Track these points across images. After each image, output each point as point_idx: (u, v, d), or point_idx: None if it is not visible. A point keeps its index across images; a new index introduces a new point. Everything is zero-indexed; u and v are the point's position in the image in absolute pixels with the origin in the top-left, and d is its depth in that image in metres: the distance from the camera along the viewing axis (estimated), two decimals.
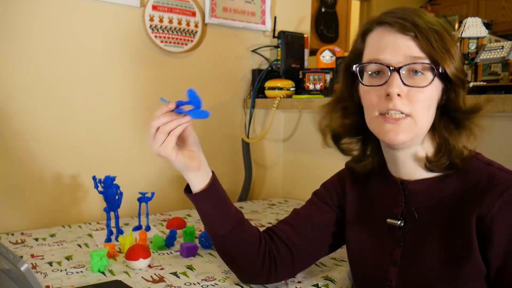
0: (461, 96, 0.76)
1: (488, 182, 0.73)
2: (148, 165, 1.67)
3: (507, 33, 3.38)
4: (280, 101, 1.72)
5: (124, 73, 1.58)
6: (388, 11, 0.78)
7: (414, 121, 0.74)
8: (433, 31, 0.73)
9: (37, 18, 1.40)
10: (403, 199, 0.81)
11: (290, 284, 0.98)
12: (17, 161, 1.40)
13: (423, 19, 0.74)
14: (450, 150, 0.76)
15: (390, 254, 0.82)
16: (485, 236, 0.71)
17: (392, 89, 0.72)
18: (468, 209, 0.73)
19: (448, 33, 0.75)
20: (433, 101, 0.75)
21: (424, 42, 0.72)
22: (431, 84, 0.73)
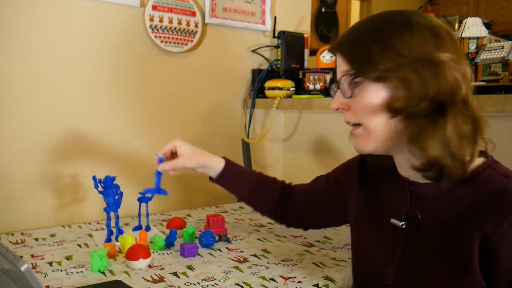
0: (404, 95, 0.70)
1: (500, 196, 0.68)
2: (148, 165, 1.67)
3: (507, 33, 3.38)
4: (280, 101, 1.72)
5: (124, 73, 1.58)
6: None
7: (365, 128, 0.76)
8: (351, 41, 0.76)
9: (37, 18, 1.40)
10: (409, 200, 0.80)
11: (290, 284, 0.98)
12: (17, 161, 1.40)
13: (350, 31, 0.77)
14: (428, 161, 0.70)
15: (390, 254, 0.82)
16: (490, 254, 0.67)
17: (331, 105, 0.80)
18: (474, 223, 0.69)
19: (386, 32, 0.72)
20: (376, 107, 0.72)
21: (345, 56, 0.76)
22: (367, 91, 0.73)
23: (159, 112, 1.68)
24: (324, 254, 1.19)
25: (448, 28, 0.75)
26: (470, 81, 0.73)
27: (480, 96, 1.07)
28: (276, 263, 1.11)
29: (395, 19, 0.74)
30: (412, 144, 0.72)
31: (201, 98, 1.78)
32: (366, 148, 0.77)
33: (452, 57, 0.70)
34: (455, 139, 0.69)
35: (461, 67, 0.71)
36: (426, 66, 0.69)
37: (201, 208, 1.72)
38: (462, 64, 0.72)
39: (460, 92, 0.71)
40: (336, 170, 1.07)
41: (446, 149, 0.69)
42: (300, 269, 1.07)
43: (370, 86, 0.73)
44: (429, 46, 0.70)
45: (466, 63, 0.73)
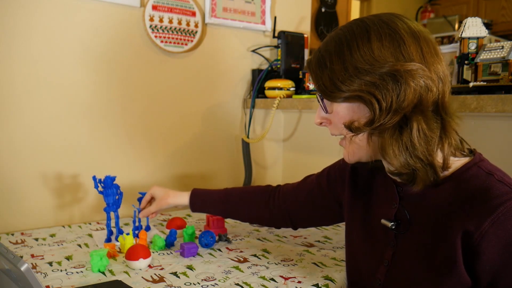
0: (375, 110, 0.71)
1: (483, 194, 0.68)
2: (148, 165, 1.67)
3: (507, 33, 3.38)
4: (280, 101, 1.72)
5: (123, 73, 1.58)
6: None
7: (348, 140, 0.78)
8: (316, 60, 0.77)
9: (37, 18, 1.40)
10: (398, 201, 0.81)
11: (290, 284, 0.98)
12: (17, 161, 1.40)
13: (319, 49, 0.78)
14: (394, 169, 0.74)
15: (381, 254, 0.83)
16: (473, 251, 0.68)
17: (315, 120, 0.82)
18: (456, 220, 0.70)
19: (347, 47, 0.72)
20: (351, 122, 0.74)
21: (312, 77, 0.78)
22: (339, 107, 0.75)
23: (159, 112, 1.68)
24: (324, 254, 1.19)
25: (416, 29, 0.72)
26: (445, 82, 0.73)
27: (480, 96, 1.07)
28: (276, 263, 1.12)
29: (353, 31, 0.74)
30: (380, 154, 0.75)
31: (201, 98, 1.78)
32: (351, 158, 0.80)
33: (416, 65, 0.69)
34: (420, 145, 0.70)
35: (430, 72, 0.70)
36: (387, 80, 0.69)
37: None
38: (433, 68, 0.71)
39: (429, 97, 0.70)
40: (327, 169, 1.08)
41: (413, 155, 0.70)
42: (300, 269, 1.07)
43: (338, 104, 0.76)
44: (389, 57, 0.70)
45: (439, 65, 0.72)
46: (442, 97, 0.72)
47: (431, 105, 0.71)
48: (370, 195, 0.90)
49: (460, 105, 1.09)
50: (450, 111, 0.73)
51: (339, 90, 0.73)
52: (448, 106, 0.73)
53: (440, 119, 0.72)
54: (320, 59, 0.76)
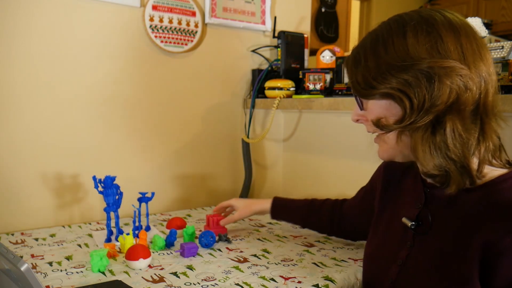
0: (407, 109, 0.69)
1: (510, 207, 0.66)
2: (148, 165, 1.67)
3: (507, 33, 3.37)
4: (280, 101, 1.72)
5: (124, 73, 1.58)
6: None
7: (382, 139, 0.78)
8: (353, 57, 0.76)
9: (37, 18, 1.40)
10: (423, 201, 0.80)
11: (290, 284, 0.98)
12: (17, 161, 1.40)
13: (356, 47, 0.77)
14: (427, 172, 0.72)
15: (397, 253, 0.82)
16: (489, 264, 0.65)
17: (351, 117, 0.82)
18: (480, 231, 0.67)
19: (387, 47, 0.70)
20: (385, 120, 0.73)
21: (347, 74, 0.78)
22: (373, 105, 0.75)
23: (159, 112, 1.68)
24: (324, 254, 1.19)
25: (458, 24, 0.69)
26: (488, 81, 0.69)
27: None
28: (276, 263, 1.11)
29: (390, 27, 0.72)
30: (412, 155, 0.74)
31: (201, 98, 1.78)
32: (384, 156, 0.80)
33: (452, 63, 0.66)
34: (455, 146, 0.67)
35: (470, 70, 0.66)
36: (420, 78, 0.67)
37: (201, 208, 1.72)
38: (474, 65, 0.67)
39: (468, 97, 0.67)
40: (372, 176, 1.09)
41: (447, 157, 0.68)
42: (300, 269, 1.07)
43: (372, 101, 0.75)
44: (424, 54, 0.67)
45: (481, 63, 0.68)
46: (484, 97, 0.68)
47: (470, 105, 0.67)
48: (399, 195, 0.90)
49: None
50: (493, 112, 0.70)
51: (371, 87, 0.72)
52: (492, 107, 0.70)
53: (480, 120, 0.69)
54: (356, 55, 0.75)
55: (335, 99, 1.50)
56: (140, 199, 1.34)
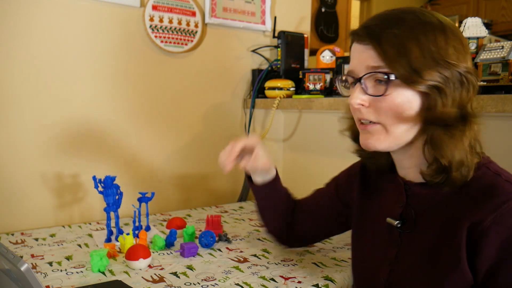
0: (437, 105, 0.70)
1: (489, 192, 0.70)
2: (148, 165, 1.67)
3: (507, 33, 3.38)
4: (280, 101, 1.72)
5: (124, 73, 1.58)
6: (369, 18, 0.78)
7: (384, 129, 0.74)
8: (392, 38, 0.70)
9: (37, 18, 1.40)
10: (405, 200, 0.81)
11: (290, 284, 0.98)
12: (17, 161, 1.40)
13: (389, 24, 0.72)
14: (442, 168, 0.72)
15: (386, 253, 0.83)
16: (474, 246, 0.69)
17: (352, 100, 0.75)
18: (462, 218, 0.70)
19: (426, 34, 0.70)
20: (403, 110, 0.71)
21: (378, 51, 0.71)
22: (395, 92, 0.71)
23: (159, 112, 1.68)
24: (324, 254, 1.19)
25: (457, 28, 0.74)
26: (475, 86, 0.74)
27: (480, 96, 1.07)
28: (276, 263, 1.11)
29: (431, 22, 0.71)
30: (433, 151, 0.72)
31: (201, 98, 1.78)
32: (379, 146, 0.76)
33: (471, 67, 0.72)
34: (469, 148, 0.71)
35: (476, 76, 0.73)
36: (456, 77, 0.70)
37: (201, 208, 1.72)
38: (476, 72, 0.74)
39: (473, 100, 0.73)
40: (336, 178, 1.08)
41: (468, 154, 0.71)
42: (300, 269, 1.07)
43: (402, 89, 0.71)
44: (456, 55, 0.70)
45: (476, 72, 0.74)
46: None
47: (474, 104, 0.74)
48: (378, 195, 0.90)
49: None
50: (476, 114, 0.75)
51: (416, 73, 0.69)
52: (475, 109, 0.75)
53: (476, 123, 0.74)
54: (392, 35, 0.70)
55: (335, 99, 1.51)
56: (140, 199, 1.34)
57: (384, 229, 0.84)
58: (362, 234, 0.91)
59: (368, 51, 0.73)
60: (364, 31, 0.74)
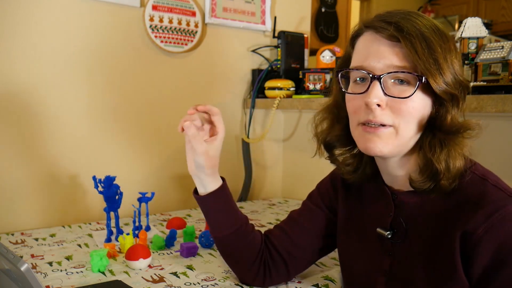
0: (450, 114, 0.69)
1: (479, 199, 0.69)
2: (148, 165, 1.67)
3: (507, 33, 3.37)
4: (280, 101, 1.72)
5: (124, 73, 1.58)
6: (380, 14, 0.74)
7: (395, 131, 0.71)
8: (421, 38, 0.68)
9: (37, 18, 1.40)
10: (393, 209, 0.79)
11: (290, 284, 0.98)
12: (17, 161, 1.40)
13: (414, 24, 0.69)
14: (434, 173, 0.70)
15: (380, 264, 0.81)
16: (468, 255, 0.68)
17: (371, 99, 0.69)
18: (454, 226, 0.69)
19: (443, 42, 0.70)
20: (419, 114, 0.70)
21: (408, 50, 0.67)
22: (415, 96, 0.69)
23: (159, 112, 1.67)
24: None
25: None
26: None
27: (480, 96, 1.07)
28: None
29: (445, 33, 0.72)
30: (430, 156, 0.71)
31: (201, 98, 1.78)
32: (382, 150, 0.72)
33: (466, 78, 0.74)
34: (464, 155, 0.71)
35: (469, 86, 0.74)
36: (463, 87, 0.71)
37: None
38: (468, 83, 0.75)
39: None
40: (318, 188, 1.00)
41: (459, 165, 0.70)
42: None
43: (423, 93, 0.70)
44: (459, 64, 0.72)
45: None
46: None
47: None
48: (363, 205, 0.87)
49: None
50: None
51: (441, 77, 0.68)
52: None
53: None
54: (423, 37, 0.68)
55: None
56: (140, 199, 1.34)
57: (375, 240, 0.82)
58: (351, 245, 0.88)
59: (394, 48, 0.69)
60: (392, 26, 0.69)
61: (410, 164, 0.75)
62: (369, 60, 0.71)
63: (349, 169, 0.84)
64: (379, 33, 0.71)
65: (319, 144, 0.86)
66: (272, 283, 0.96)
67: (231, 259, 0.97)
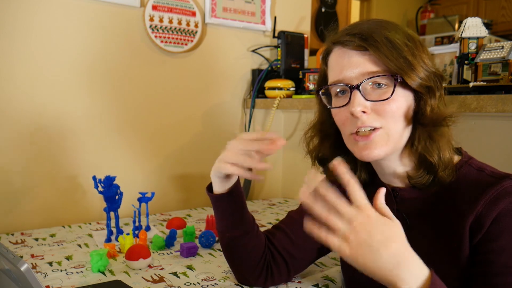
0: (429, 105, 0.73)
1: (478, 189, 0.71)
2: (148, 165, 1.67)
3: (507, 33, 3.37)
4: (280, 101, 1.72)
5: (124, 73, 1.58)
6: (344, 28, 0.78)
7: (386, 132, 0.73)
8: (386, 41, 0.72)
9: (37, 18, 1.40)
10: (395, 206, 0.80)
11: (290, 284, 0.98)
12: (18, 161, 1.40)
13: (376, 30, 0.73)
14: (430, 167, 0.73)
15: None
16: (473, 235, 0.70)
17: (355, 108, 0.72)
18: (460, 218, 0.71)
19: (408, 40, 0.73)
20: (403, 112, 0.73)
21: (377, 55, 0.71)
22: (396, 95, 0.72)
23: (159, 112, 1.68)
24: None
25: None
26: None
27: (480, 96, 1.07)
28: None
29: (407, 31, 0.75)
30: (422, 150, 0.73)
31: (201, 98, 1.78)
32: (379, 153, 0.74)
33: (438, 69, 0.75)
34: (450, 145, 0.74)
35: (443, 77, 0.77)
36: (437, 76, 0.74)
37: (201, 208, 1.72)
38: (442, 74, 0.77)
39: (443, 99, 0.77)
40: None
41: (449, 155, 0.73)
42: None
43: (402, 90, 0.73)
44: (428, 57, 0.74)
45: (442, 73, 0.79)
46: None
47: None
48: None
49: (460, 105, 1.09)
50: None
51: (415, 73, 0.71)
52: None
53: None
54: (388, 39, 0.72)
55: None
56: (140, 199, 1.34)
57: None
58: None
59: (363, 57, 0.73)
60: (357, 37, 0.73)
61: (406, 160, 0.78)
62: (344, 73, 0.75)
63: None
64: (346, 46, 0.75)
65: (313, 160, 0.89)
66: (273, 283, 0.96)
67: (237, 260, 0.95)
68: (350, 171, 0.82)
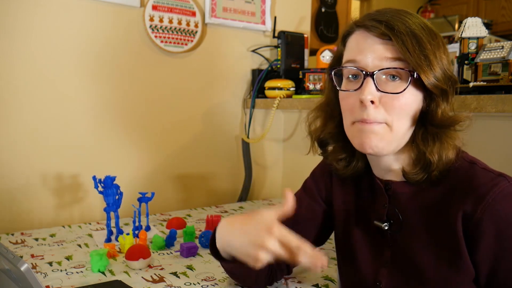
0: (440, 108, 0.72)
1: (470, 181, 0.71)
2: (148, 165, 1.67)
3: (507, 33, 3.38)
4: (280, 101, 1.72)
5: (124, 73, 1.58)
6: (370, 13, 0.76)
7: (389, 128, 0.72)
8: (411, 35, 0.70)
9: (37, 18, 1.40)
10: (387, 201, 0.80)
11: (290, 284, 0.98)
12: (17, 161, 1.40)
13: (404, 22, 0.71)
14: (427, 165, 0.73)
15: (380, 256, 0.81)
16: (471, 240, 0.69)
17: (365, 96, 0.70)
18: (453, 211, 0.71)
19: (432, 39, 0.72)
20: (411, 109, 0.72)
21: (399, 47, 0.70)
22: (407, 92, 0.71)
23: (159, 112, 1.68)
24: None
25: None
26: None
27: (480, 96, 1.07)
28: None
29: (433, 30, 0.74)
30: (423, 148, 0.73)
31: (201, 98, 1.78)
32: (377, 146, 0.73)
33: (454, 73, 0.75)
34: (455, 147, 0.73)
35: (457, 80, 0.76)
36: (452, 82, 0.73)
37: (201, 208, 1.72)
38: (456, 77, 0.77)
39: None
40: (308, 180, 1.00)
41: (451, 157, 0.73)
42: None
43: (415, 88, 0.72)
44: (447, 60, 0.73)
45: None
46: None
47: None
48: (357, 196, 0.88)
49: (460, 105, 1.09)
50: None
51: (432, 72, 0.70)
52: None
53: None
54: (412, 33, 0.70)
55: None
56: (140, 199, 1.34)
57: (373, 232, 0.83)
58: (349, 238, 0.88)
59: (385, 45, 0.71)
60: (383, 24, 0.71)
61: (403, 156, 0.77)
62: (361, 56, 0.73)
63: (342, 164, 0.86)
64: (370, 32, 0.72)
65: (312, 141, 0.89)
66: (276, 279, 0.98)
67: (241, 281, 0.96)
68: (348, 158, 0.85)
